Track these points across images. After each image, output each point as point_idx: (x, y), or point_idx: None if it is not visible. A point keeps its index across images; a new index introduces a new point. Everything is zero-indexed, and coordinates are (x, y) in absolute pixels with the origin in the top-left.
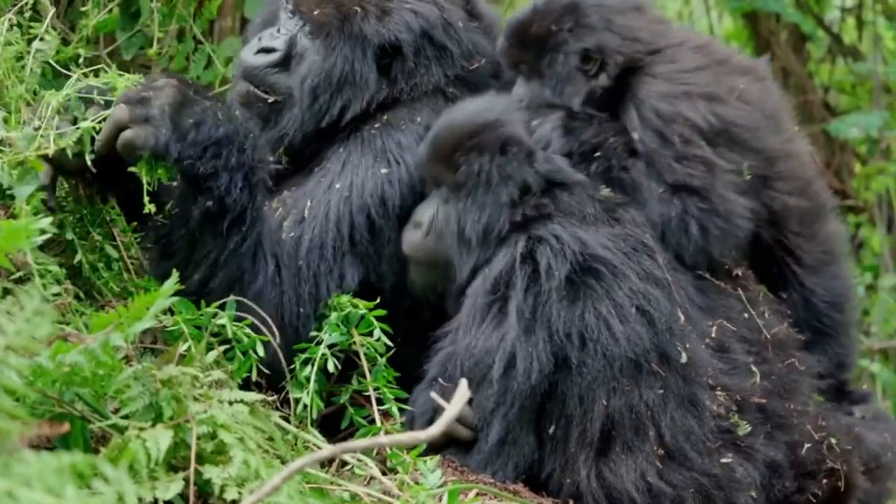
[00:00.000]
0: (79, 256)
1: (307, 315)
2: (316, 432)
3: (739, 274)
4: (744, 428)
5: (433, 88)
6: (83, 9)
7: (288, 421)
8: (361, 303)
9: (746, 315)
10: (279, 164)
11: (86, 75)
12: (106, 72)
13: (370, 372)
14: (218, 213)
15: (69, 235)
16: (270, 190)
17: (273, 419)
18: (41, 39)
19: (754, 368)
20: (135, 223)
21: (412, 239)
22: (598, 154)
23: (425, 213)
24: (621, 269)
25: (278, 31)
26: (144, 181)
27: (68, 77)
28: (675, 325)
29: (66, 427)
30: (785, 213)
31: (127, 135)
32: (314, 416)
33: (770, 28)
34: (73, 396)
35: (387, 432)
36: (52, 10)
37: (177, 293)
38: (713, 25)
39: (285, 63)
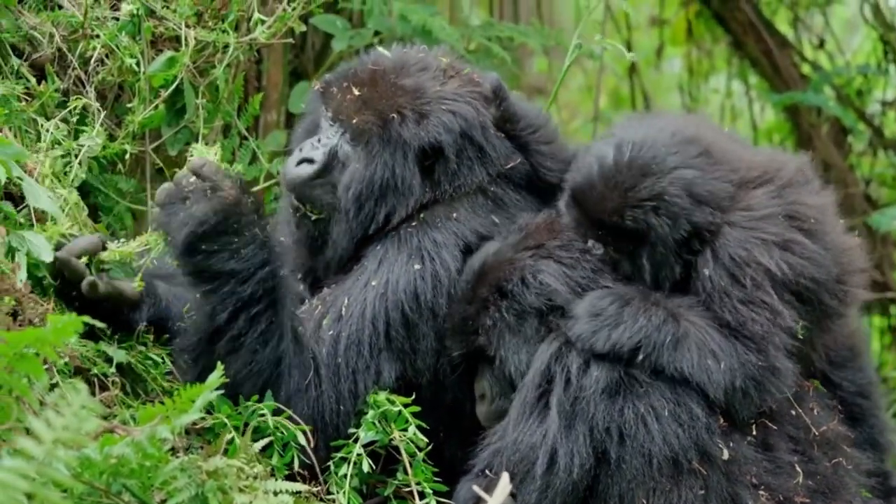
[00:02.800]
0: (121, 356)
1: (347, 412)
2: None
3: None
4: None
5: (475, 188)
6: (129, 105)
7: None
8: (398, 399)
9: (793, 412)
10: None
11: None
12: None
13: (411, 466)
14: (214, 333)
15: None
16: (301, 298)
17: None
18: (89, 137)
19: (798, 468)
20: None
21: (484, 413)
22: (640, 356)
23: (482, 384)
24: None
25: (319, 140)
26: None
27: (114, 172)
28: (714, 425)
29: None
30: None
31: (157, 216)
32: None
33: (811, 121)
34: (120, 488)
35: None
36: (101, 114)
37: None
38: (755, 118)
39: (326, 172)
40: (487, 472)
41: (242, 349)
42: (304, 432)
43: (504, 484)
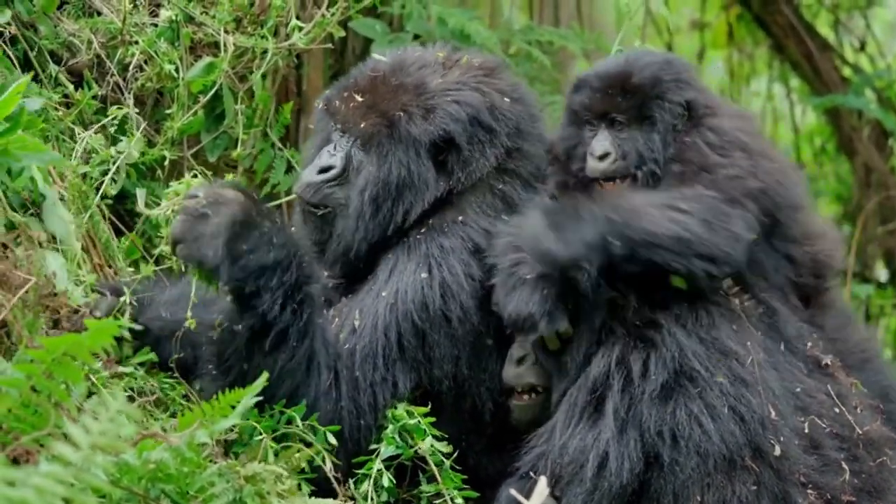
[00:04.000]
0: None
1: (368, 426)
2: None
3: (829, 363)
4: None
5: (481, 178)
6: (168, 111)
7: None
8: (417, 410)
9: (837, 410)
10: (339, 279)
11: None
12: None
13: (439, 475)
14: (262, 331)
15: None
16: (328, 301)
17: None
18: (127, 145)
19: (844, 465)
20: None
21: (513, 373)
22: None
23: (525, 346)
24: (714, 374)
25: (334, 148)
26: (193, 286)
27: (153, 178)
28: (767, 420)
29: None
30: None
31: (181, 251)
32: None
33: (853, 124)
34: (158, 493)
35: None
36: (141, 123)
37: None
38: (797, 121)
39: (343, 176)
40: (532, 474)
41: (286, 344)
42: (333, 433)
43: (541, 487)
